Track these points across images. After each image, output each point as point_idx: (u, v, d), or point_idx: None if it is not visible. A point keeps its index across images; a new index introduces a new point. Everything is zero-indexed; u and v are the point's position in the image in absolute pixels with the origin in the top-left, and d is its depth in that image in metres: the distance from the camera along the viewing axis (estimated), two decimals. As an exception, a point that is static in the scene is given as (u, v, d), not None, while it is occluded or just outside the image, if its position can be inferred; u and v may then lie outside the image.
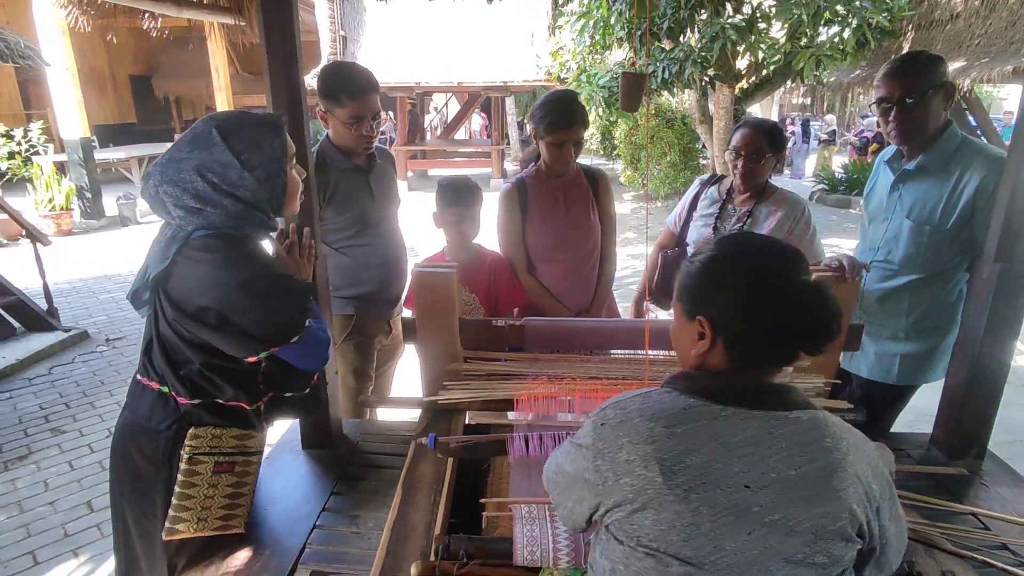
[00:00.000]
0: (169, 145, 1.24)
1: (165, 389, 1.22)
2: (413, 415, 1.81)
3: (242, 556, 1.32)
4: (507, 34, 11.13)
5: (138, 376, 1.27)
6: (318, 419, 1.72)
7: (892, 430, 1.94)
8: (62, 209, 8.05)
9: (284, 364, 1.30)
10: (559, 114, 1.87)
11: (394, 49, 11.02)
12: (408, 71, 10.67)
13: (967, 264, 1.67)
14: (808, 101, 21.15)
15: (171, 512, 1.22)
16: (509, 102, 17.55)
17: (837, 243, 7.41)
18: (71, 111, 8.01)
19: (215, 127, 1.14)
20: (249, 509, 1.34)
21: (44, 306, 4.58)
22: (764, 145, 1.92)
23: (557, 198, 2.01)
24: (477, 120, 18.29)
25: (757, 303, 0.81)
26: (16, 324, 4.45)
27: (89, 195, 8.47)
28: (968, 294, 1.58)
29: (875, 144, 11.93)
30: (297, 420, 1.75)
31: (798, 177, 14.80)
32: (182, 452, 1.22)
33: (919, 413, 2.83)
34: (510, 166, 15.86)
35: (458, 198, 1.92)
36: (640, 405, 0.83)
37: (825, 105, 21.01)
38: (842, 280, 1.59)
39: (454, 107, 15.18)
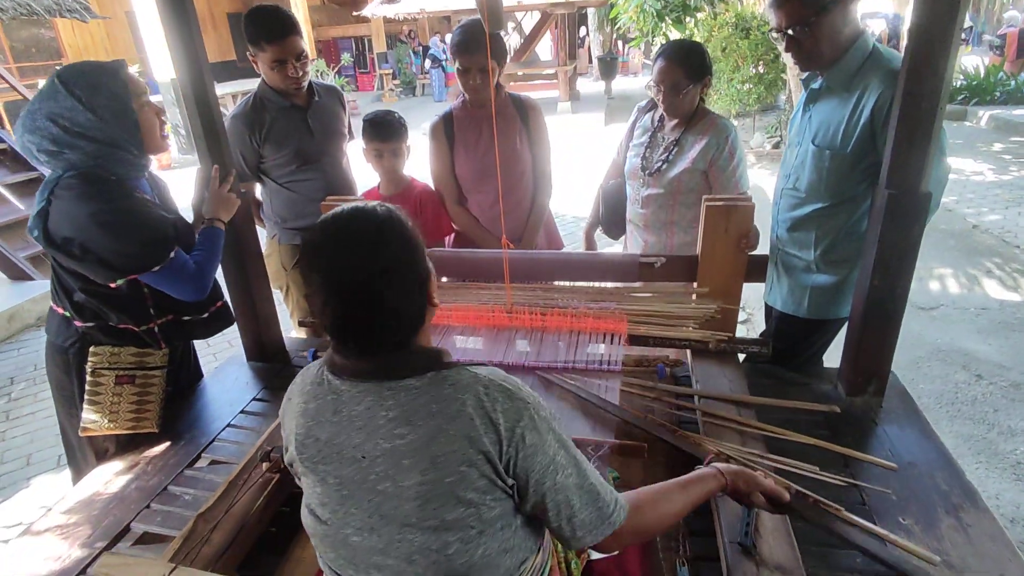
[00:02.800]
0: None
1: (68, 314, 1.44)
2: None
3: (162, 444, 1.59)
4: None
5: (51, 302, 1.50)
6: (256, 336, 1.95)
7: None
8: (162, 146, 8.92)
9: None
10: (462, 39, 1.85)
11: (457, -30, 10.70)
12: (472, -8, 10.34)
13: (875, 192, 1.53)
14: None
15: (83, 414, 1.47)
16: (591, 16, 16.32)
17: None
18: (160, 54, 8.67)
19: (56, 77, 1.29)
20: (159, 412, 1.56)
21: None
22: (681, 78, 1.81)
23: (482, 128, 2.02)
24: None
25: (332, 309, 0.79)
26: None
27: (184, 132, 9.28)
28: (868, 223, 1.47)
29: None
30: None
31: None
32: (87, 367, 1.45)
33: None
34: (589, 87, 15.04)
35: (376, 134, 1.98)
36: (300, 380, 0.89)
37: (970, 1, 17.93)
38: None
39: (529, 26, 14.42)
